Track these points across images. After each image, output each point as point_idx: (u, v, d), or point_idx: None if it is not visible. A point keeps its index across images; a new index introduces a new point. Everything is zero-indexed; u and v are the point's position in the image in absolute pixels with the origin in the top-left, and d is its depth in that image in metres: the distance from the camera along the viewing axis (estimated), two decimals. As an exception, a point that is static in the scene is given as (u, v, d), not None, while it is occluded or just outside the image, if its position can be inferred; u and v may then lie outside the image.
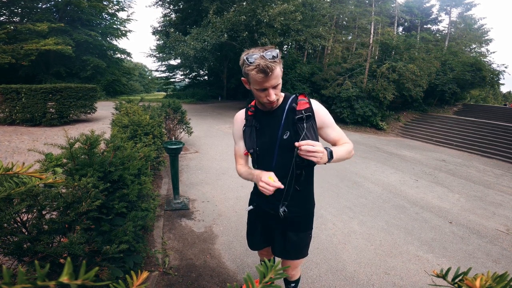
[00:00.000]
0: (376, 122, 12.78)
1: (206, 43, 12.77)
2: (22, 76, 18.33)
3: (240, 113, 1.41)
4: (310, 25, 14.11)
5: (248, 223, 1.62)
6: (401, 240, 3.07)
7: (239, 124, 1.39)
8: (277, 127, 1.25)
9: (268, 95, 1.14)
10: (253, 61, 1.06)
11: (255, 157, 1.33)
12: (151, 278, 2.11)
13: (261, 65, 1.04)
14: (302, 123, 1.21)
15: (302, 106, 1.25)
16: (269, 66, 1.04)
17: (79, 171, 1.43)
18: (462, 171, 6.70)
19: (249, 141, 1.32)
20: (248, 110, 1.35)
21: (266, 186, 1.12)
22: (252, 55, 1.07)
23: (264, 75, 1.07)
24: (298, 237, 1.44)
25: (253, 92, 1.20)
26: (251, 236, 1.61)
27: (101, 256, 1.33)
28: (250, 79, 1.14)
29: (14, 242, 1.10)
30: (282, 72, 1.18)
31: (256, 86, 1.13)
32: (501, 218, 3.97)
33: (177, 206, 3.39)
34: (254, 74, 1.08)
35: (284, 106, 1.27)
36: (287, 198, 1.30)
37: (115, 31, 23.95)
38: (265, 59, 1.05)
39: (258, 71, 1.06)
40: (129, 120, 3.63)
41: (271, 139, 1.27)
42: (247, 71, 1.11)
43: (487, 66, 16.13)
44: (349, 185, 4.78)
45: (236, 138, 1.43)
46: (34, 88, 8.23)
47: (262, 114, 1.30)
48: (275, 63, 1.07)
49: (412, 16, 21.29)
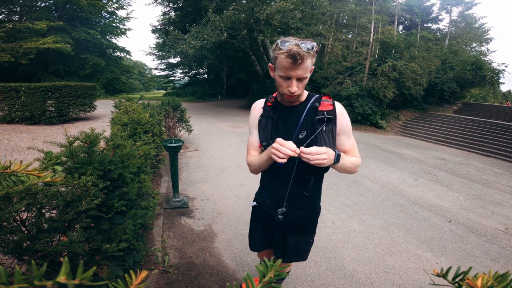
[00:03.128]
0: (376, 121, 12.78)
1: (205, 41, 12.74)
2: (21, 74, 18.27)
3: (259, 102, 1.34)
4: (310, 24, 14.07)
5: (250, 223, 1.60)
6: (400, 238, 3.08)
7: (256, 113, 1.31)
8: (295, 124, 1.20)
9: (291, 85, 1.07)
10: (286, 46, 1.02)
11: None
12: (150, 276, 2.11)
13: (292, 51, 0.99)
14: (322, 125, 1.16)
15: (325, 107, 1.19)
16: (301, 54, 0.99)
17: (79, 169, 1.42)
18: (462, 169, 6.71)
19: (263, 133, 1.25)
20: (268, 100, 1.29)
21: (279, 147, 1.02)
22: (286, 41, 1.03)
23: (293, 62, 1.01)
24: (299, 241, 1.42)
25: (275, 81, 1.14)
26: (252, 237, 1.58)
27: (100, 255, 1.33)
28: (277, 64, 1.08)
29: (13, 240, 1.10)
30: (312, 70, 1.13)
31: (281, 72, 1.07)
32: (500, 217, 3.98)
33: (176, 204, 3.39)
34: (282, 59, 1.03)
35: (306, 104, 1.21)
36: (290, 200, 1.28)
37: (114, 29, 23.85)
38: (299, 47, 1.00)
39: (287, 56, 1.01)
40: (128, 118, 3.63)
41: (286, 136, 1.19)
42: (276, 55, 1.06)
43: (487, 65, 16.12)
44: (348, 183, 4.78)
45: (251, 127, 1.35)
46: (33, 86, 8.21)
47: (282, 108, 1.24)
48: (308, 54, 1.02)
49: (413, 15, 21.21)
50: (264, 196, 1.39)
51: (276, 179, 1.29)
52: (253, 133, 1.33)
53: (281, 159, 1.02)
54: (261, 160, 1.23)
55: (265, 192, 1.38)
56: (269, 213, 1.38)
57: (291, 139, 1.16)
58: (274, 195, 1.33)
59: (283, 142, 1.03)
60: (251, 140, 1.35)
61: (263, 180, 1.43)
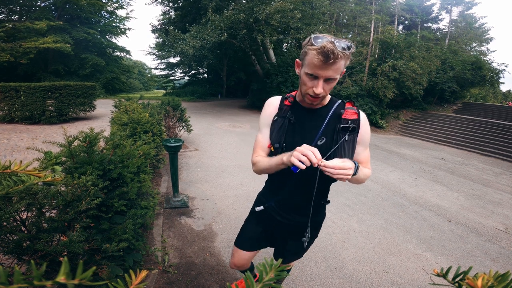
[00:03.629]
0: (376, 120, 12.78)
1: (205, 41, 12.74)
2: (20, 74, 18.25)
3: (275, 99, 1.23)
4: (310, 23, 14.06)
5: (248, 224, 1.51)
6: (400, 238, 3.08)
7: (271, 110, 1.20)
8: (314, 129, 1.12)
9: (316, 85, 0.98)
10: (319, 42, 0.92)
11: (278, 153, 1.14)
12: (150, 276, 2.11)
13: (326, 48, 0.89)
14: (345, 134, 1.08)
15: (349, 115, 1.12)
16: (335, 53, 0.90)
17: (78, 169, 1.42)
18: (461, 169, 6.71)
19: (277, 133, 1.15)
20: (286, 99, 1.19)
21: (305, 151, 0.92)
22: (321, 37, 0.94)
23: (324, 60, 0.91)
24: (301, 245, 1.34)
25: (300, 78, 1.05)
26: (246, 236, 1.49)
27: (100, 255, 1.33)
28: (306, 60, 0.98)
29: (13, 240, 1.10)
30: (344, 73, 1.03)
31: (309, 70, 0.97)
32: (500, 216, 3.98)
33: (176, 204, 3.39)
34: (313, 55, 0.93)
35: (329, 109, 1.13)
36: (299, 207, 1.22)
37: (114, 29, 23.83)
38: (334, 45, 0.90)
39: (319, 53, 0.91)
40: (128, 118, 3.63)
41: (304, 140, 1.09)
42: (307, 50, 0.97)
43: (487, 65, 16.12)
44: (348, 183, 4.78)
45: (262, 125, 1.23)
46: (33, 86, 8.21)
47: (301, 109, 1.15)
48: (343, 55, 0.92)
49: (413, 15, 21.21)
50: (271, 200, 1.33)
51: (288, 186, 1.22)
52: (263, 132, 1.23)
53: (302, 165, 0.92)
54: (272, 164, 1.12)
55: (273, 197, 1.32)
56: (273, 217, 1.33)
57: (310, 144, 1.08)
58: (284, 202, 1.28)
59: (309, 147, 0.94)
60: (260, 138, 1.24)
61: (272, 184, 1.35)
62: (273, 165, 1.11)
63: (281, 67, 14.91)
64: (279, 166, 1.08)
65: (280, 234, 1.38)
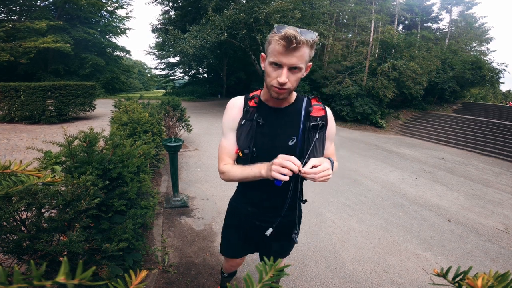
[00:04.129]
0: (376, 120, 12.78)
1: (205, 41, 12.74)
2: (20, 74, 18.24)
3: (238, 101, 1.15)
4: (310, 23, 14.05)
5: (229, 231, 1.43)
6: (400, 238, 3.08)
7: (235, 113, 1.13)
8: (285, 130, 1.08)
9: (281, 75, 0.93)
10: (283, 30, 0.89)
11: (248, 160, 1.10)
12: (150, 276, 2.11)
13: (289, 33, 0.87)
14: (316, 132, 1.06)
15: (317, 112, 1.10)
16: (297, 37, 0.87)
17: (78, 169, 1.42)
18: (461, 169, 6.71)
19: (246, 138, 1.09)
20: (250, 99, 1.12)
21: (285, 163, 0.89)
22: (284, 26, 0.91)
23: (287, 45, 0.88)
24: (281, 246, 1.37)
25: (265, 72, 1.01)
26: (231, 244, 1.44)
27: (100, 254, 1.33)
28: (269, 49, 0.96)
29: (13, 240, 1.10)
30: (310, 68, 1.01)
31: (272, 58, 0.94)
32: (500, 216, 3.99)
33: (176, 203, 3.39)
34: (275, 42, 0.91)
35: (299, 108, 1.10)
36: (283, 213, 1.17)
37: (114, 29, 23.83)
38: (297, 32, 0.88)
39: (281, 38, 0.89)
40: (128, 118, 3.62)
41: (275, 142, 1.08)
42: (270, 39, 0.95)
43: (487, 64, 16.13)
44: (348, 183, 4.79)
45: (227, 129, 1.15)
46: (33, 86, 8.21)
47: (268, 109, 1.10)
48: (306, 42, 0.90)
49: (413, 15, 21.20)
50: (247, 205, 1.28)
51: (263, 191, 1.18)
52: (229, 136, 1.14)
53: (285, 177, 0.89)
54: (247, 175, 1.06)
55: (248, 202, 1.27)
56: (252, 222, 1.28)
57: (280, 145, 1.08)
58: (260, 206, 1.24)
59: (286, 157, 0.91)
60: (225, 144, 1.15)
61: (245, 189, 1.29)
62: (249, 177, 1.06)
63: (281, 67, 14.89)
64: (257, 178, 1.03)
65: (261, 238, 1.30)
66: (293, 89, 1.00)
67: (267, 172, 0.97)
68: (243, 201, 1.29)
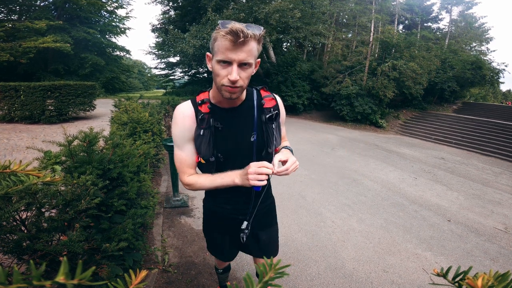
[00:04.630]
0: (376, 120, 12.78)
1: (205, 40, 12.74)
2: (20, 73, 18.25)
3: (186, 109, 1.07)
4: (310, 23, 14.05)
5: (212, 237, 1.41)
6: (399, 238, 3.08)
7: (188, 123, 1.06)
8: (246, 129, 1.07)
9: (231, 72, 0.89)
10: (228, 25, 0.84)
11: (214, 166, 1.08)
12: (150, 275, 2.11)
13: (235, 27, 0.82)
14: (272, 123, 1.08)
15: (269, 103, 1.10)
16: (244, 32, 0.83)
17: (78, 168, 1.42)
18: (461, 169, 6.71)
19: (207, 146, 1.04)
20: (200, 105, 1.05)
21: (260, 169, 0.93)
22: (229, 22, 0.87)
23: (234, 39, 0.84)
24: (270, 233, 1.37)
25: (213, 72, 0.96)
26: (220, 250, 1.43)
27: (100, 254, 1.33)
28: (215, 47, 0.90)
29: (13, 240, 1.09)
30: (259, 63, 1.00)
31: (220, 55, 0.89)
32: (500, 216, 3.99)
33: (176, 203, 3.39)
34: (221, 37, 0.85)
35: (252, 103, 1.08)
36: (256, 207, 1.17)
37: (114, 29, 23.84)
38: (243, 26, 0.85)
39: (227, 33, 0.84)
40: (128, 118, 3.63)
41: (239, 143, 1.08)
42: (216, 36, 0.88)
43: (487, 64, 16.12)
44: (348, 182, 4.79)
45: (182, 141, 1.08)
46: (32, 85, 8.21)
47: (223, 111, 1.06)
48: (253, 36, 0.87)
49: (413, 14, 21.19)
50: (222, 203, 1.25)
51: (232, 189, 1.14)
52: (186, 148, 1.09)
53: (263, 182, 0.93)
54: (218, 184, 1.06)
55: (224, 201, 1.24)
56: (235, 218, 1.24)
57: (243, 144, 1.08)
58: (237, 201, 1.22)
59: (258, 164, 0.95)
60: (184, 156, 1.10)
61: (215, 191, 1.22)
62: (220, 186, 1.06)
63: (281, 66, 14.90)
64: (229, 186, 1.05)
65: (250, 232, 1.30)
66: (245, 87, 0.97)
67: (242, 181, 0.99)
68: (219, 202, 1.26)
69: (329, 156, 6.63)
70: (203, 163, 1.09)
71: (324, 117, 14.28)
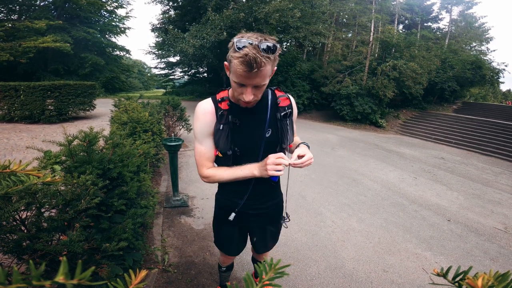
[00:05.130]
0: (376, 120, 12.78)
1: (205, 40, 12.73)
2: (20, 73, 18.24)
3: (208, 106, 1.15)
4: (310, 22, 14.04)
5: (221, 232, 1.45)
6: (399, 237, 3.08)
7: (209, 118, 1.14)
8: (261, 125, 1.15)
9: (246, 93, 0.96)
10: (242, 49, 0.87)
11: (230, 159, 1.16)
12: (150, 275, 2.11)
13: (248, 56, 0.85)
14: (286, 120, 1.16)
15: (284, 102, 1.19)
16: (258, 61, 0.86)
17: (78, 168, 1.42)
18: (461, 169, 6.72)
19: (226, 140, 1.12)
20: (220, 102, 1.13)
21: (278, 160, 1.01)
22: (244, 40, 0.88)
23: (248, 70, 0.88)
24: (276, 228, 1.47)
25: (230, 83, 1.03)
26: (230, 244, 1.47)
27: (100, 254, 1.33)
28: (231, 67, 0.95)
29: (13, 240, 1.09)
30: (274, 71, 1.03)
31: (235, 78, 0.95)
32: (499, 216, 3.99)
33: (176, 203, 3.39)
34: (236, 65, 0.89)
35: (266, 102, 1.17)
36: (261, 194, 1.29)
37: (114, 28, 23.83)
38: (258, 50, 0.86)
39: (241, 63, 0.87)
40: (128, 117, 3.62)
41: (254, 138, 1.15)
42: (231, 58, 0.92)
43: (487, 64, 16.13)
44: (348, 182, 4.79)
45: (201, 136, 1.16)
46: (32, 85, 8.21)
47: (241, 109, 1.13)
48: (268, 60, 0.89)
49: (413, 14, 21.18)
50: (236, 198, 1.30)
51: (251, 181, 1.23)
52: (206, 143, 1.17)
53: (281, 173, 1.03)
54: (237, 176, 1.13)
55: (237, 195, 1.29)
56: (246, 213, 1.31)
57: (261, 140, 1.16)
58: (250, 195, 1.28)
59: (276, 155, 1.03)
60: (204, 150, 1.17)
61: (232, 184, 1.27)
62: (239, 178, 1.14)
63: (281, 66, 14.89)
64: (247, 178, 1.14)
65: (257, 224, 1.40)
66: (259, 98, 1.06)
67: (261, 172, 1.08)
68: (231, 196, 1.32)
69: (329, 156, 6.63)
70: (220, 156, 1.16)
71: (324, 116, 14.28)
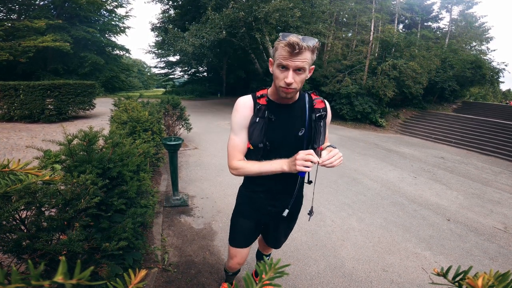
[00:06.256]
0: (376, 119, 12.77)
1: (205, 39, 12.72)
2: (20, 73, 18.22)
3: (247, 100, 1.24)
4: (310, 22, 14.03)
5: (237, 224, 1.53)
6: (399, 237, 3.09)
7: (247, 112, 1.22)
8: (295, 123, 1.22)
9: (287, 76, 1.07)
10: (287, 38, 1.03)
11: (260, 152, 1.22)
12: (150, 275, 2.11)
13: (292, 40, 1.00)
14: (320, 122, 1.23)
15: (319, 104, 1.26)
16: (300, 44, 1.00)
17: (78, 167, 1.42)
18: (461, 168, 6.72)
19: (259, 134, 1.19)
20: (259, 98, 1.22)
21: (308, 157, 1.04)
22: (288, 34, 1.05)
23: (291, 50, 1.02)
24: (291, 226, 1.59)
25: (273, 75, 1.14)
26: (242, 234, 1.53)
27: (100, 253, 1.33)
28: (276, 54, 1.09)
29: (13, 239, 1.09)
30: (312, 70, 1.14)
31: (279, 61, 1.07)
32: (499, 216, 3.99)
33: (176, 202, 3.39)
34: (281, 48, 1.05)
35: (303, 102, 1.26)
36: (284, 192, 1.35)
37: (113, 28, 23.79)
38: (299, 39, 1.02)
39: (286, 45, 1.03)
40: (128, 117, 3.62)
41: (287, 135, 1.22)
42: (277, 46, 1.08)
43: (487, 64, 16.14)
44: (348, 181, 4.79)
45: (238, 128, 1.23)
46: (32, 84, 8.19)
47: (278, 106, 1.22)
48: (307, 48, 1.03)
49: (413, 14, 21.16)
50: (259, 191, 1.39)
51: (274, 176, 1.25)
52: (240, 134, 1.24)
53: (309, 169, 1.07)
54: (265, 170, 1.19)
55: (259, 188, 1.38)
56: (264, 207, 1.41)
57: (293, 138, 1.22)
58: (272, 191, 1.37)
59: (306, 152, 1.06)
60: (237, 142, 1.24)
61: (257, 178, 1.34)
62: (268, 172, 1.19)
63: (281, 66, 14.89)
64: (276, 172, 1.18)
65: (272, 220, 1.49)
66: (299, 89, 1.13)
67: (290, 167, 1.12)
68: (256, 189, 1.39)
69: (329, 156, 6.63)
70: (251, 149, 1.23)
71: (324, 116, 14.25)
